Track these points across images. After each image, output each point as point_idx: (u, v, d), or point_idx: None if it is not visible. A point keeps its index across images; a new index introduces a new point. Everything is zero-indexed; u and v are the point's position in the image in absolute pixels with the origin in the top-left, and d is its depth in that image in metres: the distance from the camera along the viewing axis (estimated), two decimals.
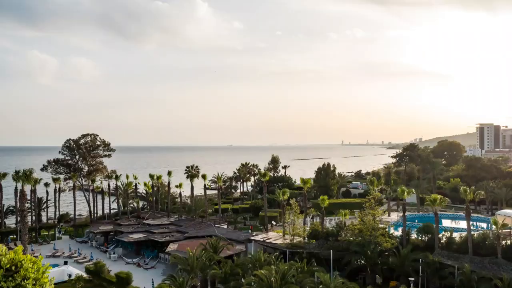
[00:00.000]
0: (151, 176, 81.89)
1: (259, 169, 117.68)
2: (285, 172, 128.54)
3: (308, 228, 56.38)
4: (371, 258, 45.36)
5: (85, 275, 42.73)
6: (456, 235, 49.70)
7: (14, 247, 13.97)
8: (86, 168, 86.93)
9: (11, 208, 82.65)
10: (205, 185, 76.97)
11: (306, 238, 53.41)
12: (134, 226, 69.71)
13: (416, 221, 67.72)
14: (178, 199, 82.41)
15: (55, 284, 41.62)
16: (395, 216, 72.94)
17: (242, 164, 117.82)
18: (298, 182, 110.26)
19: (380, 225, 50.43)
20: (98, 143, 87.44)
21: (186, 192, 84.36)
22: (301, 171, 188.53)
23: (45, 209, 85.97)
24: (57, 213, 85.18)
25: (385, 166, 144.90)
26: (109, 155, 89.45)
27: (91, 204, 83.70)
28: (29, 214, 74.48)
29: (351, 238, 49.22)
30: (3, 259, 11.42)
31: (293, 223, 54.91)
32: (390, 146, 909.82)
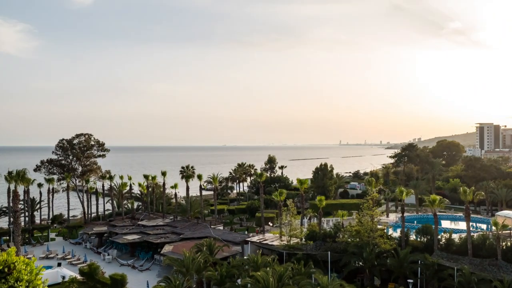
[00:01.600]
0: (146, 177, 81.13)
1: (256, 169, 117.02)
2: (282, 173, 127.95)
3: (305, 229, 55.83)
4: (369, 259, 44.85)
5: (79, 277, 42.24)
6: (455, 236, 49.34)
7: (7, 248, 13.72)
8: (80, 168, 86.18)
9: (4, 209, 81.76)
10: (200, 186, 76.11)
11: (303, 239, 52.76)
12: (128, 227, 69.02)
13: (415, 222, 67.43)
14: (173, 200, 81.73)
15: (48, 286, 41.51)
16: (393, 217, 72.46)
17: (238, 164, 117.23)
18: (295, 182, 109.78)
19: (379, 226, 49.89)
20: (92, 143, 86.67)
21: (181, 192, 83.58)
22: (298, 172, 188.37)
23: (39, 210, 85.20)
24: (51, 214, 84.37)
25: (384, 166, 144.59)
26: (104, 155, 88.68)
27: (85, 205, 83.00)
28: (22, 215, 73.90)
29: (349, 240, 48.71)
30: None
31: (290, 224, 54.30)
32: (388, 146, 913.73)
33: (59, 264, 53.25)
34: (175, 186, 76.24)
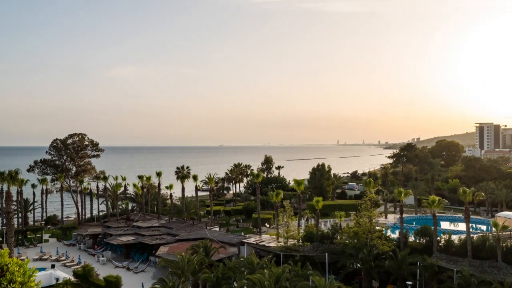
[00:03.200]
0: (140, 177, 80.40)
1: (252, 169, 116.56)
2: (279, 173, 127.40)
3: (302, 231, 55.33)
4: (367, 261, 44.33)
5: (73, 279, 41.78)
6: (455, 237, 49.12)
7: (0, 250, 13.39)
8: (74, 168, 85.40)
9: None
10: (196, 186, 75.47)
11: (301, 241, 52.25)
12: (123, 228, 68.42)
13: (414, 223, 67.23)
14: (169, 201, 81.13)
15: None
16: (392, 218, 72.12)
17: (235, 165, 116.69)
18: (292, 183, 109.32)
19: (377, 228, 49.38)
20: (86, 143, 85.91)
21: (177, 193, 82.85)
22: (295, 172, 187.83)
23: (32, 211, 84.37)
24: (44, 215, 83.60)
25: (382, 166, 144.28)
26: (98, 156, 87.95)
27: (79, 206, 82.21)
28: (15, 216, 73.19)
29: (347, 241, 48.24)
30: None
31: (287, 225, 53.69)
32: (387, 146, 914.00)
33: (52, 266, 52.33)
34: (170, 187, 75.64)
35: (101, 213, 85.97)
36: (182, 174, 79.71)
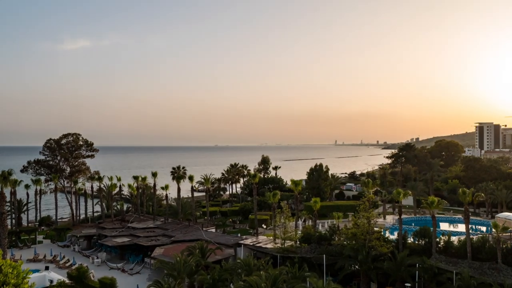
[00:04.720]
0: (136, 178, 79.73)
1: (249, 170, 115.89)
2: (276, 173, 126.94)
3: (300, 232, 54.94)
4: (365, 263, 44.00)
5: (67, 280, 41.80)
6: (454, 239, 48.77)
7: None
8: (68, 169, 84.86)
9: None
10: (192, 187, 74.96)
11: (298, 242, 51.88)
12: (118, 229, 67.89)
13: (413, 224, 66.70)
14: (164, 202, 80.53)
15: None
16: (390, 219, 71.69)
17: (231, 165, 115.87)
18: (289, 183, 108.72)
19: (375, 229, 48.92)
20: (81, 143, 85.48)
21: (172, 194, 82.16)
22: (292, 172, 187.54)
23: (26, 212, 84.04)
24: (38, 216, 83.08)
25: (381, 167, 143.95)
26: (92, 156, 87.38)
27: (74, 207, 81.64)
28: (9, 217, 72.74)
29: (345, 242, 47.90)
30: None
31: (284, 226, 53.18)
32: (385, 146, 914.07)
33: (46, 268, 51.95)
34: (166, 188, 75.08)
35: (95, 214, 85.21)
36: (177, 175, 79.24)
